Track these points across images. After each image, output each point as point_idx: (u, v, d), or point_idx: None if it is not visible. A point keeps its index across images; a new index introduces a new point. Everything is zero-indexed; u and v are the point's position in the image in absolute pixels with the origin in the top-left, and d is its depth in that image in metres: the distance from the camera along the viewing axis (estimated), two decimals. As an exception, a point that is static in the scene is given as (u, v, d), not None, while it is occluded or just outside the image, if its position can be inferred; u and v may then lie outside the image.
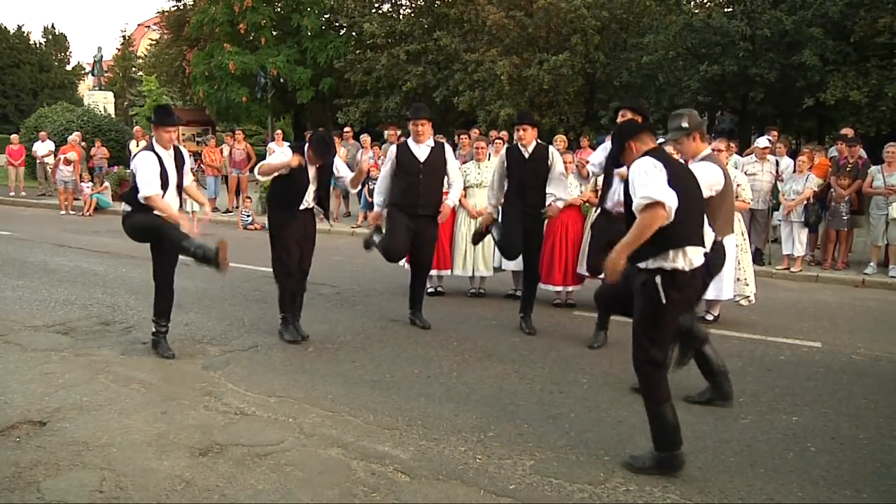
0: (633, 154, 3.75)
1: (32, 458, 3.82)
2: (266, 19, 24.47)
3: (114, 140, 20.16)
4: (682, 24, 18.01)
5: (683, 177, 3.69)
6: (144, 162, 5.34)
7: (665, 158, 3.66)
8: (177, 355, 5.56)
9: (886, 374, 5.59)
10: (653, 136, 3.85)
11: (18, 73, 43.36)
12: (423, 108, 6.60)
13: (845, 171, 9.96)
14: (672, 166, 3.63)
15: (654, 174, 3.52)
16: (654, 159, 3.60)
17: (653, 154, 3.67)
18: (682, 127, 4.72)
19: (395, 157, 6.46)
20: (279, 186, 5.98)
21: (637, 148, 3.75)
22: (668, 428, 3.68)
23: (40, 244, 11.11)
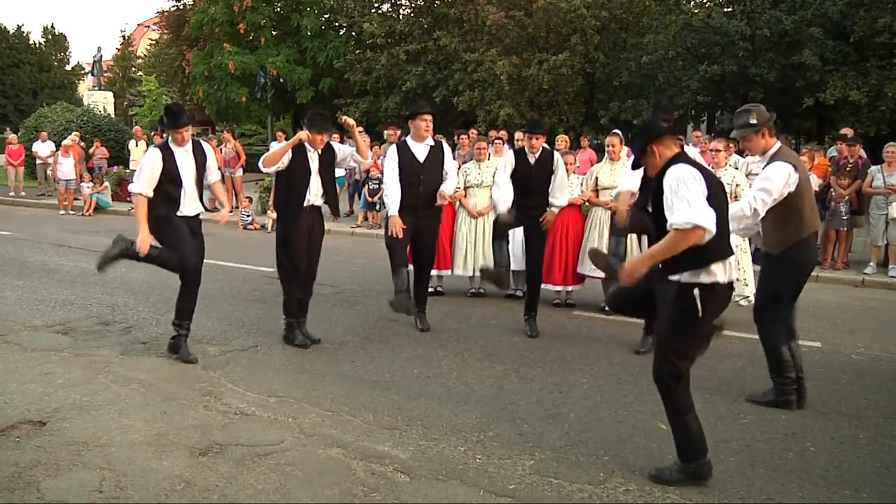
0: (655, 159, 3.55)
1: (32, 458, 3.82)
2: (266, 19, 24.49)
3: (113, 140, 20.15)
4: (681, 24, 18.03)
5: (716, 185, 3.47)
6: (146, 159, 5.36)
7: (699, 166, 3.46)
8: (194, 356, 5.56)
9: (886, 374, 5.59)
10: (676, 141, 3.64)
11: (18, 72, 43.33)
12: (425, 103, 6.70)
13: (845, 171, 9.96)
14: (707, 175, 3.43)
15: (694, 189, 3.31)
16: (693, 168, 3.38)
17: (685, 160, 3.46)
18: (750, 124, 4.65)
19: (397, 159, 6.39)
20: (282, 183, 5.89)
21: (660, 152, 3.54)
22: (695, 438, 3.58)
23: (40, 244, 11.11)
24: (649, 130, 3.66)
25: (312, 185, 5.82)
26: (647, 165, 3.64)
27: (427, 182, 6.38)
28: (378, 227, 13.07)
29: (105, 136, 20.12)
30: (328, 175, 5.97)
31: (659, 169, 3.52)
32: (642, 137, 3.62)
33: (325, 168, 5.93)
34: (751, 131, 4.66)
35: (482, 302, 7.77)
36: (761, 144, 4.71)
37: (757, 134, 4.67)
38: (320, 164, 5.87)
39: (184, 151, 5.45)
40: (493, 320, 6.92)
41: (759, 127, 4.65)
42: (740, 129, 4.71)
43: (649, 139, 3.58)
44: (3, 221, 13.75)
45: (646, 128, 3.76)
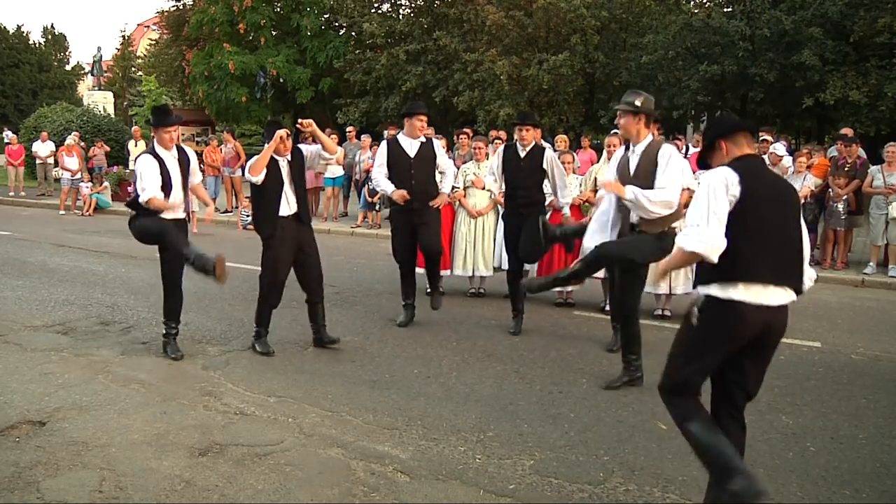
0: (722, 156, 3.18)
1: (32, 458, 3.82)
2: (265, 19, 24.50)
3: (113, 140, 20.16)
4: (681, 24, 18.03)
5: (766, 200, 3.01)
6: (143, 166, 5.33)
7: (747, 170, 3.03)
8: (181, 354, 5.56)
9: (886, 374, 5.59)
10: (751, 139, 3.24)
11: (18, 73, 43.31)
12: (421, 103, 6.79)
13: (843, 170, 9.96)
14: (752, 180, 3.01)
15: (716, 202, 2.96)
16: (732, 171, 3.00)
17: (737, 165, 3.05)
18: (634, 104, 4.67)
19: (386, 154, 6.47)
20: (257, 198, 5.79)
21: (728, 150, 3.16)
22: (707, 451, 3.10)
23: (40, 244, 11.11)
24: (720, 124, 3.34)
25: (286, 195, 5.72)
26: (712, 163, 3.25)
27: (418, 176, 6.40)
28: (378, 227, 13.07)
29: (105, 136, 20.12)
30: (300, 182, 5.87)
31: None
32: (712, 131, 3.29)
33: (297, 175, 5.83)
34: (629, 110, 4.67)
35: (482, 302, 7.77)
36: (634, 128, 4.74)
37: (634, 117, 4.68)
38: (291, 172, 5.77)
39: (171, 156, 5.45)
40: (492, 320, 6.92)
41: (640, 111, 4.66)
42: (623, 104, 4.72)
43: (719, 133, 3.22)
44: (3, 221, 13.75)
45: (718, 121, 3.47)
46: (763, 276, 2.97)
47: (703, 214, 2.97)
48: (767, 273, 2.98)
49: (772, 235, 2.99)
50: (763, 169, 3.23)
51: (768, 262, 2.97)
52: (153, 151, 5.42)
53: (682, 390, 3.19)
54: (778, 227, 3.02)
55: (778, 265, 3.00)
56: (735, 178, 2.97)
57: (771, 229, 2.99)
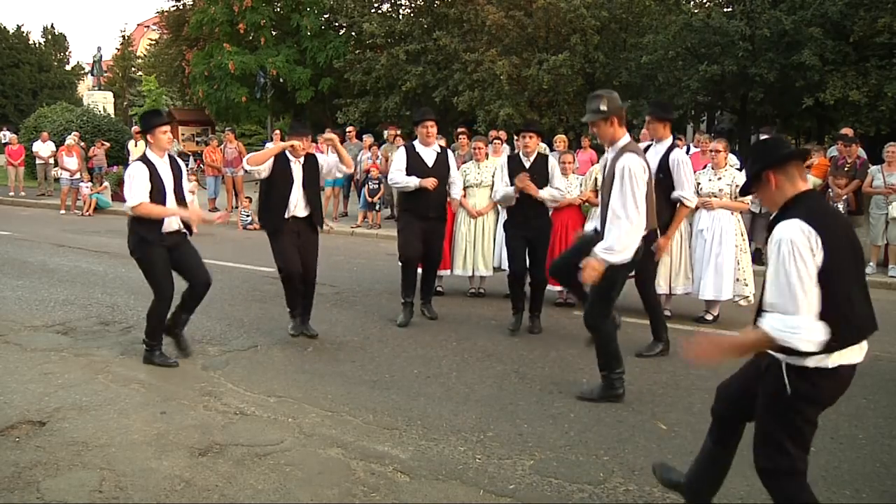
0: (771, 190, 2.73)
1: (32, 458, 3.82)
2: (265, 19, 24.49)
3: (113, 140, 20.16)
4: (681, 24, 18.01)
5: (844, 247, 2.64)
6: (131, 174, 5.19)
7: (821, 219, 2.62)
8: (177, 358, 5.54)
9: (886, 374, 5.58)
10: (803, 170, 2.79)
11: (18, 72, 43.31)
12: (428, 109, 6.93)
13: (843, 171, 9.96)
14: (830, 231, 2.59)
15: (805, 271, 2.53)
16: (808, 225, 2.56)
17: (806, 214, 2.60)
18: (600, 110, 4.49)
19: (405, 161, 6.56)
20: (264, 193, 5.92)
21: (779, 184, 2.71)
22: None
23: (40, 244, 11.11)
24: (769, 152, 2.79)
25: (294, 197, 5.80)
26: (760, 196, 2.83)
27: (435, 188, 6.55)
28: (378, 227, 13.08)
29: (105, 136, 20.12)
30: (312, 187, 5.95)
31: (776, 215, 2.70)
32: (759, 159, 2.80)
33: (309, 180, 5.90)
34: (599, 117, 4.53)
35: (482, 302, 7.77)
36: (609, 133, 4.59)
37: (606, 121, 4.54)
38: (304, 176, 5.85)
39: (163, 163, 5.31)
40: (492, 320, 6.92)
41: (609, 114, 4.52)
42: (590, 114, 4.56)
43: (768, 164, 2.74)
44: (3, 221, 13.75)
45: (767, 147, 2.86)
46: (859, 335, 2.68)
47: (795, 296, 2.54)
48: (862, 331, 2.69)
49: (855, 285, 2.67)
50: (830, 209, 2.90)
51: (860, 318, 2.67)
52: (145, 158, 5.26)
53: (794, 469, 2.78)
54: (857, 272, 2.71)
55: (866, 315, 2.70)
56: (814, 234, 2.55)
57: (853, 279, 2.66)
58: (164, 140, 5.30)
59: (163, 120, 5.37)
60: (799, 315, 2.54)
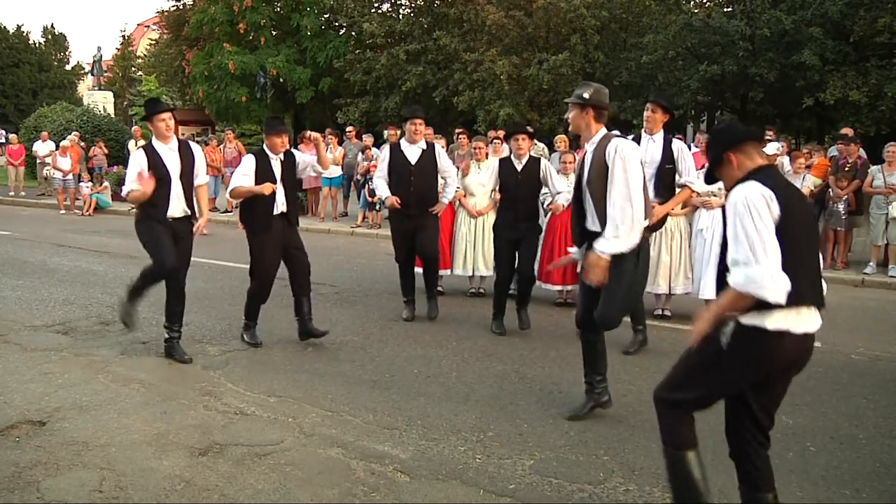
0: (733, 169, 2.88)
1: (32, 457, 3.82)
2: (265, 19, 24.50)
3: (113, 140, 20.16)
4: (681, 24, 18.03)
5: (798, 213, 2.74)
6: (133, 161, 5.32)
7: (775, 183, 2.76)
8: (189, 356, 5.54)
9: (886, 374, 5.59)
10: (760, 148, 2.97)
11: (18, 72, 43.33)
12: (418, 108, 6.88)
13: (844, 171, 9.96)
14: (784, 193, 2.73)
15: (761, 224, 2.64)
16: (763, 186, 2.70)
17: (761, 177, 2.75)
18: (581, 97, 4.28)
19: (388, 160, 6.59)
20: (248, 202, 5.84)
21: (739, 162, 2.86)
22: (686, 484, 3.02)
23: (40, 244, 11.11)
24: (727, 134, 2.98)
25: (278, 193, 5.78)
26: (723, 178, 2.97)
27: (418, 183, 6.52)
28: (378, 227, 13.07)
29: (105, 135, 20.12)
30: (290, 182, 5.92)
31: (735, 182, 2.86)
32: (718, 142, 2.97)
33: (287, 175, 5.87)
34: (576, 102, 4.29)
35: (482, 302, 7.76)
36: (582, 122, 4.35)
37: (582, 110, 4.31)
38: (283, 172, 5.83)
39: (168, 150, 5.35)
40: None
41: (587, 103, 4.30)
42: (572, 97, 4.38)
43: (728, 145, 2.91)
44: (3, 221, 13.74)
45: (723, 131, 3.11)
46: (806, 298, 2.71)
47: (752, 247, 2.62)
48: (809, 295, 2.73)
49: (806, 252, 2.75)
50: (787, 181, 2.96)
51: (808, 283, 2.72)
52: (149, 146, 5.36)
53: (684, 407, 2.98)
54: (809, 240, 2.81)
55: (815, 283, 2.77)
56: (770, 193, 2.68)
57: (804, 245, 2.75)
58: (162, 128, 5.31)
59: (161, 108, 5.40)
60: (761, 266, 2.61)
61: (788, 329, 2.70)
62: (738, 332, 2.74)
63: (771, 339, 2.70)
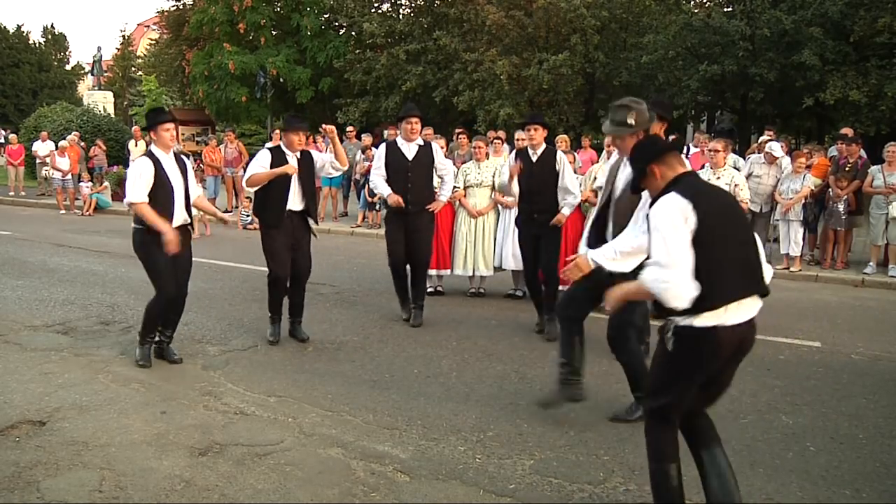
0: (657, 180, 3.04)
1: (32, 457, 3.82)
2: (265, 19, 24.51)
3: (113, 140, 20.16)
4: (681, 24, 18.02)
5: (718, 216, 2.91)
6: (134, 169, 5.19)
7: (695, 191, 2.93)
8: (178, 357, 5.53)
9: (886, 374, 5.59)
10: (681, 158, 3.13)
11: (18, 72, 43.30)
12: (413, 106, 6.80)
13: (844, 171, 9.96)
14: (703, 201, 2.89)
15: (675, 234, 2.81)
16: (682, 198, 2.86)
17: (682, 189, 2.92)
18: (627, 123, 4.11)
19: (384, 157, 6.53)
20: (262, 195, 5.88)
21: (662, 173, 3.02)
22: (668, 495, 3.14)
23: (40, 244, 11.11)
24: (649, 148, 3.15)
25: (293, 191, 5.81)
26: (648, 188, 3.14)
27: (415, 180, 6.46)
28: (378, 227, 13.07)
29: (105, 135, 20.11)
30: (308, 181, 5.94)
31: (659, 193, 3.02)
32: (641, 156, 3.12)
33: (306, 174, 5.89)
34: (626, 132, 4.12)
35: (482, 302, 7.77)
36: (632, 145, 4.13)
37: (633, 136, 4.14)
38: (300, 169, 5.83)
39: (169, 158, 5.29)
40: (493, 320, 6.92)
41: (636, 129, 4.14)
42: (614, 126, 4.18)
43: (650, 159, 3.06)
44: (3, 221, 13.74)
45: (645, 145, 3.26)
46: (735, 293, 2.88)
47: (667, 252, 2.82)
48: (738, 289, 2.90)
49: (732, 248, 2.91)
50: (704, 183, 3.16)
51: (736, 278, 2.89)
52: (150, 154, 5.25)
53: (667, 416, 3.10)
54: (735, 236, 2.95)
55: (745, 276, 2.93)
56: (686, 205, 2.85)
57: (731, 242, 2.91)
58: (167, 138, 5.27)
59: (166, 118, 5.36)
60: (671, 270, 2.80)
61: (719, 324, 2.86)
62: (678, 334, 2.92)
63: (706, 335, 2.87)
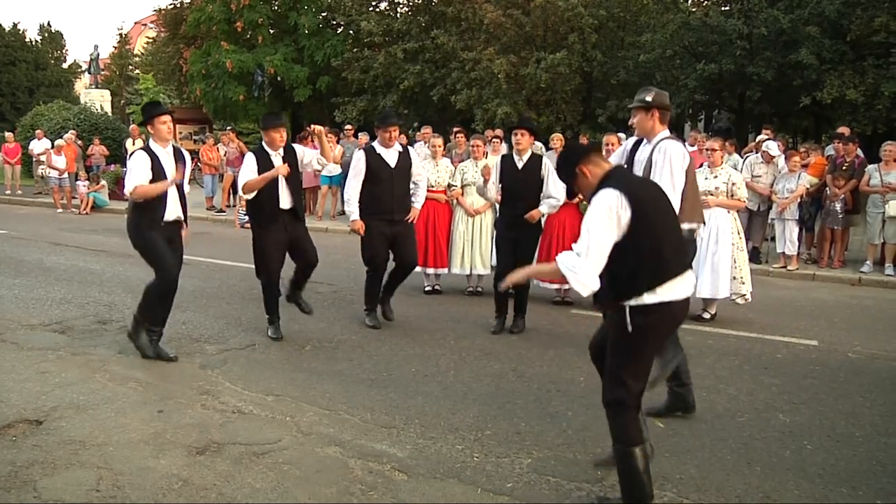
0: (587, 179, 3.26)
1: (29, 457, 3.81)
2: (263, 17, 24.44)
3: (110, 138, 20.14)
4: (679, 23, 18.03)
5: (649, 202, 3.18)
6: (133, 162, 5.23)
7: (626, 182, 3.20)
8: (174, 354, 5.53)
9: (882, 372, 5.60)
10: (602, 155, 3.41)
11: (14, 70, 43.10)
12: (391, 113, 6.65)
13: (841, 170, 9.98)
14: (635, 191, 3.15)
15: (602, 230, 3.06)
16: (616, 191, 3.10)
17: (613, 182, 3.16)
18: (644, 100, 4.57)
19: (364, 164, 6.35)
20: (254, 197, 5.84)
21: (591, 172, 3.25)
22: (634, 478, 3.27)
23: (37, 243, 11.09)
24: (573, 153, 3.39)
25: (282, 189, 5.81)
26: (581, 190, 3.35)
27: (398, 187, 6.41)
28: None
29: (102, 134, 20.09)
30: (294, 178, 5.94)
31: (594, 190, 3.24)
32: (569, 161, 3.35)
33: (291, 170, 5.88)
34: (641, 106, 4.60)
35: (480, 301, 7.77)
36: (648, 125, 4.62)
37: (647, 112, 4.59)
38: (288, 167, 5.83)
39: (166, 153, 5.33)
40: (490, 318, 6.91)
41: (651, 106, 4.58)
42: (636, 101, 4.66)
43: (577, 161, 3.30)
44: (0, 220, 13.72)
45: (568, 152, 3.48)
46: (677, 269, 3.19)
47: (587, 245, 3.08)
48: (678, 265, 3.21)
49: (668, 230, 3.22)
50: (633, 175, 3.44)
51: (675, 256, 3.21)
52: (147, 148, 5.31)
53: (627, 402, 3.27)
54: (667, 221, 3.25)
55: (679, 255, 3.25)
56: (620, 196, 3.08)
57: (666, 225, 3.22)
58: (164, 130, 5.30)
59: (162, 110, 5.39)
60: (584, 261, 3.07)
61: (672, 298, 3.16)
62: (633, 314, 3.15)
63: (662, 310, 3.15)
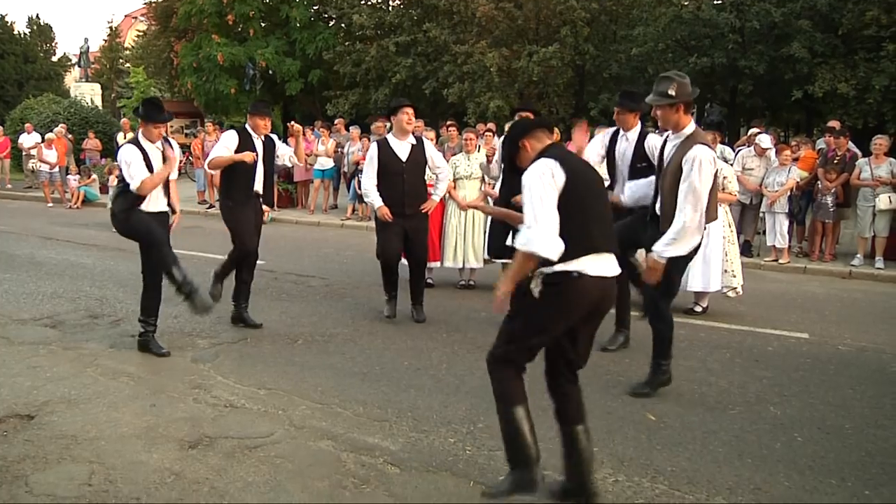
0: (528, 153, 3.35)
1: (20, 451, 3.80)
2: (254, 10, 24.35)
3: (101, 132, 20.02)
4: (671, 16, 18.04)
5: (582, 177, 3.23)
6: (129, 155, 5.27)
7: (561, 155, 3.24)
8: (166, 349, 5.52)
9: (872, 365, 5.64)
10: (548, 133, 3.45)
11: (3, 63, 42.66)
12: (404, 98, 6.88)
13: (832, 163, 10.01)
14: (569, 161, 3.23)
15: (544, 195, 3.10)
16: (550, 159, 3.18)
17: (549, 154, 3.24)
18: (668, 94, 4.42)
19: (377, 158, 6.34)
20: (230, 174, 6.01)
21: (532, 146, 3.35)
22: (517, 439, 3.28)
23: (27, 237, 11.03)
24: (520, 126, 3.47)
25: (257, 173, 6.02)
26: (521, 163, 3.38)
27: (411, 181, 6.37)
28: (368, 220, 13.04)
29: (93, 128, 19.99)
30: (268, 166, 6.15)
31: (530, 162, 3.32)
32: (514, 135, 3.42)
33: (267, 158, 6.11)
34: (666, 102, 4.44)
35: (472, 294, 7.78)
36: (674, 119, 4.52)
37: (672, 108, 4.47)
38: (263, 153, 6.05)
39: (154, 149, 5.41)
40: (482, 312, 6.92)
41: (677, 101, 4.45)
42: (656, 97, 4.48)
43: (520, 135, 3.38)
44: (-10, 214, 13.64)
45: (516, 125, 3.56)
46: (599, 245, 3.19)
47: (534, 213, 3.10)
48: (601, 241, 3.21)
49: (596, 207, 3.24)
50: (570, 152, 3.43)
51: (599, 232, 3.21)
52: (136, 142, 5.36)
53: (514, 362, 3.31)
54: (598, 199, 3.28)
55: (605, 235, 3.25)
56: (555, 164, 3.15)
57: (595, 201, 3.25)
58: (156, 135, 5.41)
59: (162, 118, 5.44)
60: (536, 227, 3.08)
61: (583, 270, 3.13)
62: (545, 281, 3.15)
63: (571, 281, 3.13)
